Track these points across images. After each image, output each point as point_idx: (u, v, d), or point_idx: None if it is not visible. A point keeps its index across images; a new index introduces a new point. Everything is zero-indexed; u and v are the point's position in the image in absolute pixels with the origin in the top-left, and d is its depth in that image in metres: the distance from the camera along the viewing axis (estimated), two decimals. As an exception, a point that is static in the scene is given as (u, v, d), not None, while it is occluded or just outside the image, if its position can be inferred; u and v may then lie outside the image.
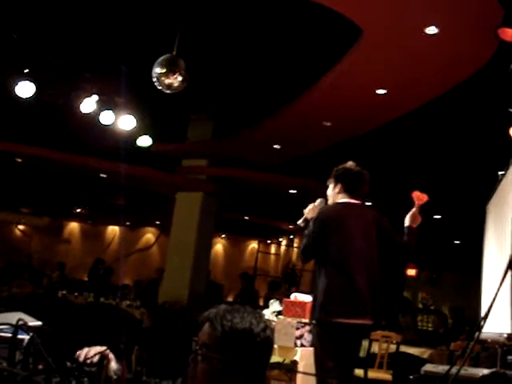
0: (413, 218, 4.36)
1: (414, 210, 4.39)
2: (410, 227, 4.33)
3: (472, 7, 5.47)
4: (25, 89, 7.77)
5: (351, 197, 4.34)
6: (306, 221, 4.48)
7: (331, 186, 4.43)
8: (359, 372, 6.85)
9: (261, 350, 1.85)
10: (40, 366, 1.44)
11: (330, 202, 4.46)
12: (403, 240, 4.30)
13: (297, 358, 4.86)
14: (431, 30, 5.94)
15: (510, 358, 3.39)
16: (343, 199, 4.34)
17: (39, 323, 1.74)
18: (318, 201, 4.56)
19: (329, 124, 9.24)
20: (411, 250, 4.30)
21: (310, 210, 4.51)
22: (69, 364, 1.52)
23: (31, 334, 1.50)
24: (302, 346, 4.92)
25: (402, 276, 16.35)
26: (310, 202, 4.62)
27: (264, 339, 1.84)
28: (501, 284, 1.92)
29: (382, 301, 4.15)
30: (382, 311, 4.21)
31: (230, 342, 1.80)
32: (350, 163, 4.43)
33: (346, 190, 4.33)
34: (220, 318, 1.83)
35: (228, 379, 1.79)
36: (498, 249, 3.84)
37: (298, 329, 4.91)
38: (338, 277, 4.05)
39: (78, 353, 1.66)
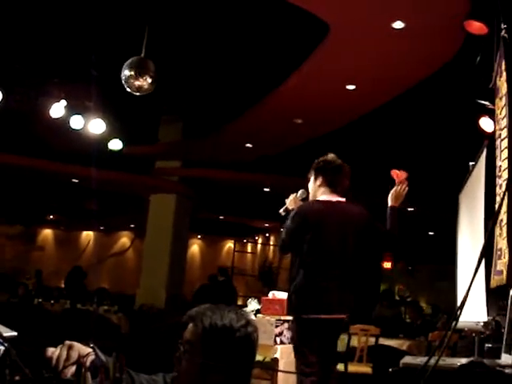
0: (394, 197, 4.32)
1: (395, 188, 4.33)
2: (392, 207, 4.29)
3: (438, 0, 5.52)
4: (-9, 95, 7.65)
5: (332, 191, 4.22)
6: (287, 211, 4.41)
7: (312, 179, 4.31)
8: (339, 366, 6.89)
9: (242, 347, 1.86)
10: (17, 377, 1.42)
11: (311, 194, 4.35)
12: (387, 228, 4.23)
13: (277, 355, 4.86)
14: (398, 24, 5.98)
15: (487, 345, 3.44)
16: (324, 195, 4.22)
17: (14, 333, 1.71)
18: (300, 192, 4.48)
19: (300, 121, 9.27)
20: (395, 234, 4.22)
21: (291, 201, 4.43)
22: (46, 374, 1.49)
23: (7, 344, 1.47)
24: (282, 343, 4.92)
25: (379, 269, 16.52)
26: (285, 200, 4.58)
27: (245, 335, 1.86)
28: (475, 273, 1.94)
29: (357, 296, 4.13)
30: (357, 306, 4.14)
31: (211, 339, 1.82)
32: (330, 155, 4.31)
33: (327, 184, 4.21)
34: (201, 315, 1.85)
35: (209, 376, 1.80)
36: (472, 238, 3.89)
37: (277, 326, 4.91)
38: (311, 274, 4.03)
39: (49, 352, 1.62)
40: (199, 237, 20.16)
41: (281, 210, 4.53)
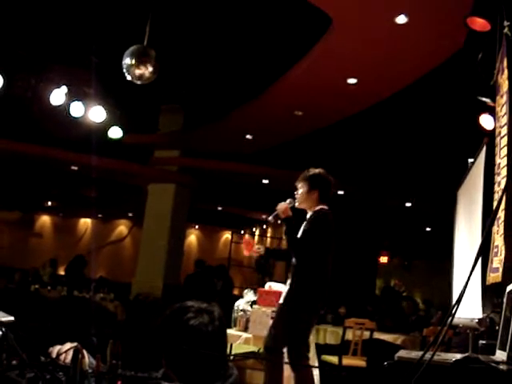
0: None
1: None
2: None
3: (441, -4, 5.51)
4: (-8, 81, 7.62)
5: (326, 205, 4.60)
6: (277, 217, 4.66)
7: (305, 189, 4.60)
8: (334, 359, 6.92)
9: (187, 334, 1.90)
10: (14, 362, 1.43)
11: (303, 204, 4.65)
12: None
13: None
14: (401, 19, 5.97)
15: (481, 342, 3.45)
16: (321, 206, 4.57)
17: (11, 318, 1.72)
18: (288, 201, 4.69)
19: (300, 113, 9.25)
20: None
21: (284, 210, 4.60)
22: (43, 359, 1.50)
23: (4, 329, 1.48)
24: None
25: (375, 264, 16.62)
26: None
27: (191, 324, 1.89)
28: (472, 270, 1.95)
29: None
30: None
31: (164, 325, 1.96)
32: (320, 170, 4.66)
33: (322, 198, 4.57)
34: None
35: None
36: (469, 235, 3.89)
37: (272, 318, 4.93)
38: (315, 280, 4.47)
39: (49, 350, 1.64)
40: (197, 227, 20.16)
41: (270, 218, 4.75)
